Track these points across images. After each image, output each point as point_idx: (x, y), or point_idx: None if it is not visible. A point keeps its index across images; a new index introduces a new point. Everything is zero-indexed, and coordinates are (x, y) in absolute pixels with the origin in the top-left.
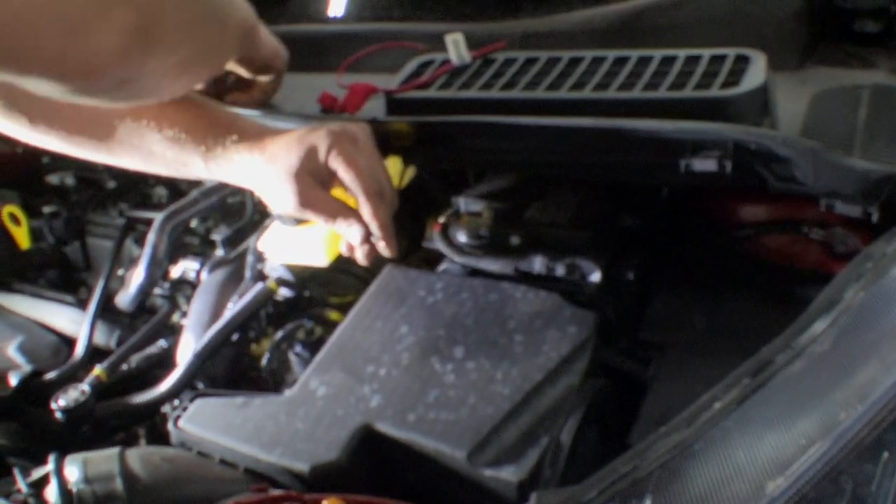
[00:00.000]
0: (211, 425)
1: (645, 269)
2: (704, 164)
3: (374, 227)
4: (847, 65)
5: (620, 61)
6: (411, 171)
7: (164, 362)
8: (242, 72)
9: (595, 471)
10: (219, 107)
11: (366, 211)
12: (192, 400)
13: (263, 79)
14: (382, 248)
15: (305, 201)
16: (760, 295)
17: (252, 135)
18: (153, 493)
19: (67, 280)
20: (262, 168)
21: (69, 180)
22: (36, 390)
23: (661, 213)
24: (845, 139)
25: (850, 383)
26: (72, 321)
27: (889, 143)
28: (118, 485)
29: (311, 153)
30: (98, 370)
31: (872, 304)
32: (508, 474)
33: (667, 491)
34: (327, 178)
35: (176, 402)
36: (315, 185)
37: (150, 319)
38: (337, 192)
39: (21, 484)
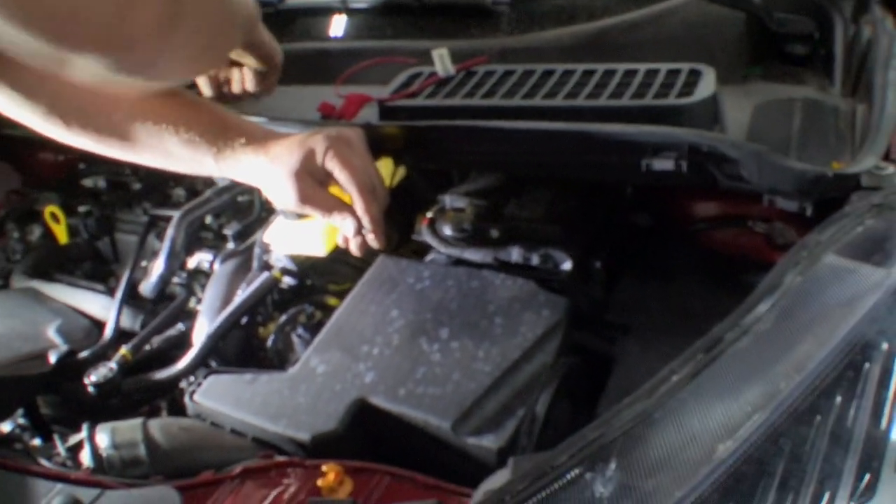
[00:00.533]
0: (223, 399)
1: (611, 258)
2: (663, 164)
3: (366, 221)
4: (782, 80)
5: (588, 73)
6: (402, 172)
7: (182, 343)
8: (249, 60)
9: (567, 438)
10: (230, 113)
11: (359, 206)
12: (206, 376)
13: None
14: (372, 240)
15: (305, 197)
16: (712, 281)
17: (258, 138)
18: (172, 459)
19: (99, 271)
20: (266, 168)
21: (101, 183)
22: (71, 367)
23: (626, 209)
24: (783, 144)
25: (789, 357)
26: (102, 307)
27: (819, 147)
28: (141, 451)
29: (310, 154)
30: (124, 350)
31: (807, 288)
32: (489, 442)
33: (630, 455)
34: (325, 177)
35: (192, 378)
36: (314, 184)
37: (170, 305)
38: (333, 190)
39: (60, 448)
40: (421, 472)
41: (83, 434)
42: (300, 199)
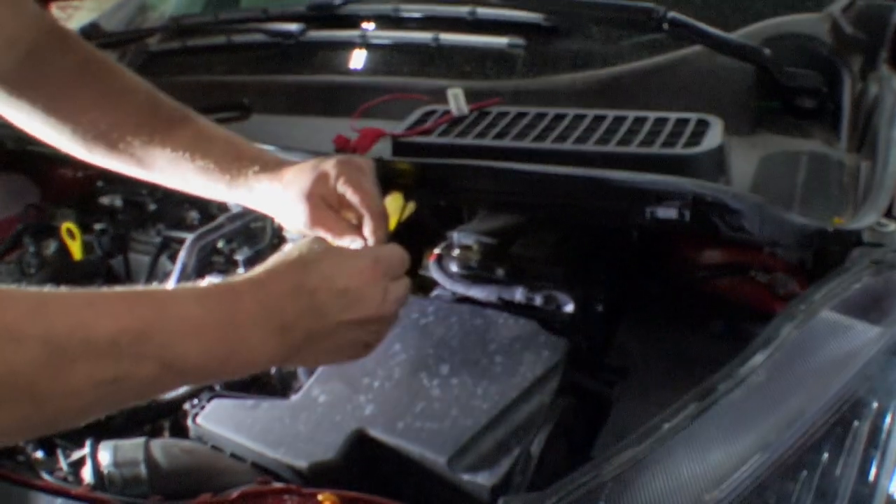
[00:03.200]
0: (225, 423)
1: (613, 302)
2: (667, 212)
3: (373, 242)
4: (789, 133)
5: (599, 119)
6: (411, 207)
7: None
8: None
9: (560, 479)
10: (244, 142)
11: (368, 228)
12: (209, 400)
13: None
14: None
15: (316, 219)
16: (712, 329)
17: (271, 166)
18: (171, 479)
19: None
20: (278, 192)
21: (117, 202)
22: None
23: (631, 255)
24: (787, 196)
25: (780, 411)
26: None
27: (822, 201)
28: (142, 470)
29: (322, 177)
30: None
31: (803, 342)
32: (483, 479)
33: (618, 500)
34: (335, 201)
35: (196, 401)
36: (325, 207)
37: None
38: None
39: (62, 463)
40: None
41: (86, 450)
42: (311, 221)
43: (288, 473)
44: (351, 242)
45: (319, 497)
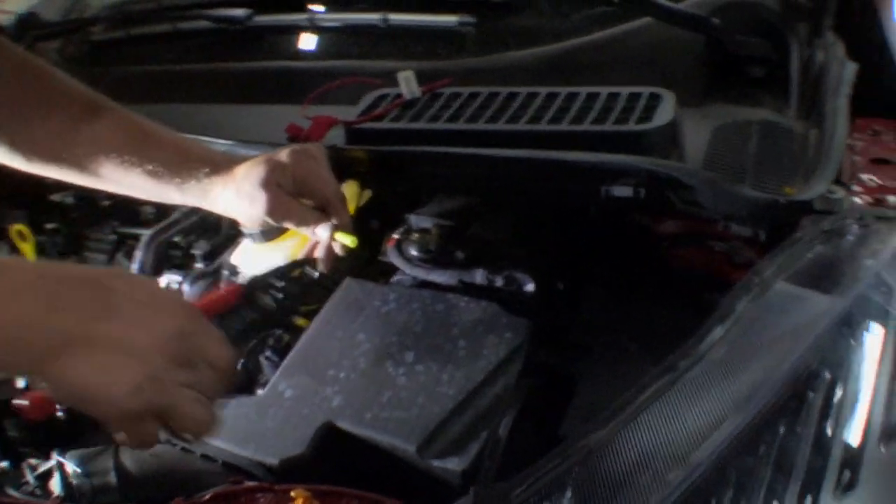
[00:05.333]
0: None
1: (574, 279)
2: (622, 191)
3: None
4: (740, 102)
5: (551, 96)
6: (367, 194)
7: None
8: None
9: (530, 459)
10: (193, 142)
11: (332, 211)
12: None
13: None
14: (339, 248)
15: (276, 207)
16: (673, 300)
17: (223, 166)
18: (142, 485)
19: None
20: (233, 190)
21: (69, 199)
22: None
23: (589, 230)
24: (739, 168)
25: (738, 387)
26: None
27: (774, 171)
28: (112, 478)
29: (278, 167)
30: None
31: (758, 316)
32: (453, 464)
33: (585, 483)
34: (293, 191)
35: None
36: (283, 195)
37: None
38: None
39: (29, 477)
40: (387, 494)
41: (53, 462)
42: (271, 209)
43: (260, 471)
44: (315, 229)
45: (292, 493)
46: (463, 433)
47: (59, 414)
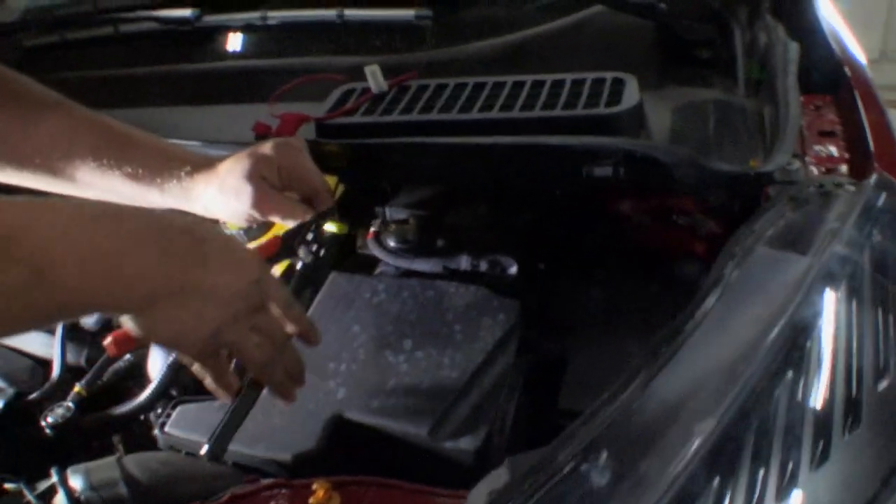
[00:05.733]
0: (195, 428)
1: (553, 260)
2: (603, 171)
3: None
4: (693, 84)
5: (518, 85)
6: (341, 189)
7: (132, 374)
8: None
9: (531, 434)
10: (169, 143)
11: (321, 200)
12: (173, 407)
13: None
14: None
15: (262, 201)
16: (644, 275)
17: (203, 164)
18: (155, 493)
19: None
20: (216, 187)
21: None
22: (21, 411)
23: (561, 212)
24: (703, 144)
25: (741, 342)
26: (41, 344)
27: (733, 146)
28: (122, 489)
29: (262, 160)
30: (78, 387)
31: (746, 278)
32: (466, 444)
33: (617, 444)
34: (277, 184)
35: (158, 410)
36: (269, 188)
37: None
38: None
39: (30, 497)
40: (400, 479)
41: (53, 479)
42: (257, 202)
43: (273, 468)
44: (303, 221)
45: (314, 486)
46: (471, 413)
47: (48, 431)
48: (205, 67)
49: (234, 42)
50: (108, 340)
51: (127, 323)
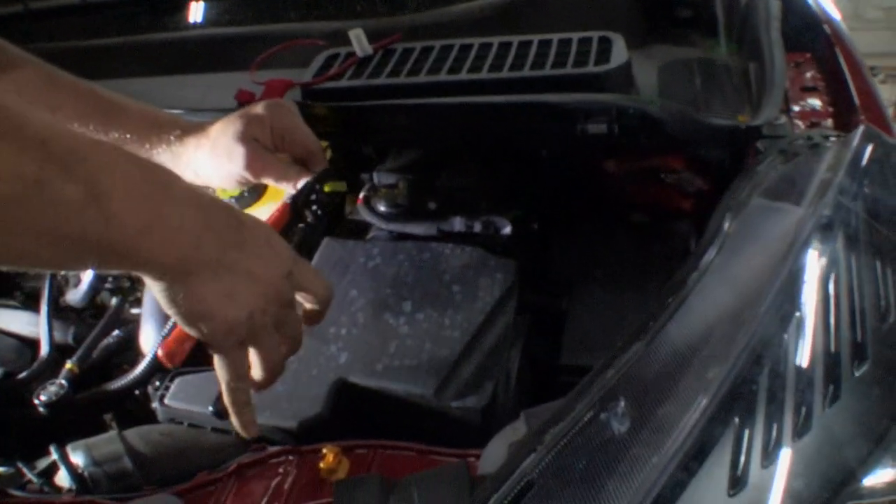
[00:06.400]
0: (195, 399)
1: (545, 218)
2: (597, 128)
3: None
4: (677, 43)
5: (505, 46)
6: (328, 154)
7: (123, 350)
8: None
9: (531, 390)
10: (156, 109)
11: (315, 160)
12: (171, 379)
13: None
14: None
15: (254, 162)
16: (636, 231)
17: (193, 128)
18: (160, 466)
19: (2, 286)
20: (208, 150)
21: None
22: (11, 390)
23: (552, 172)
24: (692, 101)
25: (744, 289)
26: (26, 323)
27: (721, 102)
28: (126, 462)
29: (255, 120)
30: (70, 364)
31: (744, 229)
32: (472, 403)
33: (633, 391)
34: (270, 145)
35: (157, 383)
36: (262, 149)
37: (106, 312)
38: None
39: (30, 475)
40: (407, 441)
41: (53, 456)
42: (249, 163)
43: (279, 436)
44: (298, 183)
45: (323, 451)
46: (475, 372)
47: (42, 410)
48: (180, 35)
49: (211, 9)
50: (160, 352)
51: (158, 295)
